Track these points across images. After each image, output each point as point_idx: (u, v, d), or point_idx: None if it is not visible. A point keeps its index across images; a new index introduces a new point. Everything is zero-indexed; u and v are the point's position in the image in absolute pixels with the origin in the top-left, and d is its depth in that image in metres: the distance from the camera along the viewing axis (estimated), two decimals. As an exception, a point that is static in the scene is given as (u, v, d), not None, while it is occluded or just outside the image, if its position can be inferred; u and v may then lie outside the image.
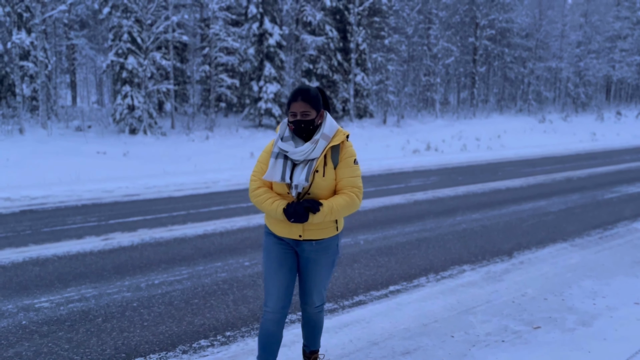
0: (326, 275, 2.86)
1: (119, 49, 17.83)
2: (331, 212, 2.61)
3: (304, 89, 2.66)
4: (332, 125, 2.70)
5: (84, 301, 4.22)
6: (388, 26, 27.21)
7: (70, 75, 27.66)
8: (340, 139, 2.68)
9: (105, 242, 5.91)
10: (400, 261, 5.39)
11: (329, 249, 2.79)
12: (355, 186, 2.68)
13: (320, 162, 2.64)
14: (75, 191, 8.90)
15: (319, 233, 2.72)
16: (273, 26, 21.43)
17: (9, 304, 4.14)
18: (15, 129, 16.10)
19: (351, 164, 2.69)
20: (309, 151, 2.62)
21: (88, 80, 37.55)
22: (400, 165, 13.45)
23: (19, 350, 3.42)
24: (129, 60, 17.70)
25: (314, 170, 2.62)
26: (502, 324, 3.89)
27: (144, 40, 17.96)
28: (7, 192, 8.53)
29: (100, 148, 14.45)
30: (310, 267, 2.80)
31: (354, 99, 24.97)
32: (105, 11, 18.37)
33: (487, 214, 7.62)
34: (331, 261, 2.84)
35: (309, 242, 2.73)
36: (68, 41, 25.65)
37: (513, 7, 34.62)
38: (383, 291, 4.56)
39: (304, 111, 2.62)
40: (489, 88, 36.89)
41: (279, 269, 2.76)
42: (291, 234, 2.72)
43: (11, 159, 11.84)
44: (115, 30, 18.12)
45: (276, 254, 2.78)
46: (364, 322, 3.92)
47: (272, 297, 2.76)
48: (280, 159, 2.66)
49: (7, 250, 5.56)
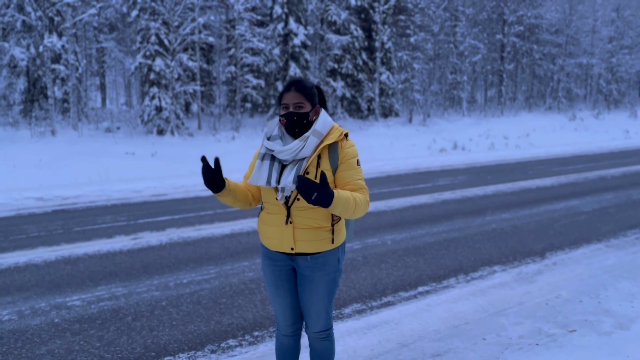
0: (325, 296, 2.50)
1: (146, 51, 18.09)
2: (354, 199, 2.24)
3: (298, 79, 2.41)
4: (326, 122, 2.40)
5: (114, 300, 4.27)
6: (414, 24, 26.97)
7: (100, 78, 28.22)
8: (335, 137, 2.36)
9: (134, 242, 5.98)
10: (428, 262, 5.30)
11: (326, 265, 2.44)
12: (364, 188, 2.37)
13: (312, 163, 2.32)
14: (105, 191, 9.05)
15: (313, 245, 2.39)
16: (298, 26, 21.45)
17: (42, 302, 4.21)
18: (47, 131, 16.50)
19: (355, 166, 2.38)
20: (298, 149, 2.30)
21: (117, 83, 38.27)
22: (427, 164, 13.30)
23: (51, 347, 3.48)
24: (157, 62, 17.95)
25: (303, 171, 2.30)
26: (535, 326, 3.79)
27: (171, 42, 18.18)
28: (40, 192, 8.73)
29: (129, 149, 14.67)
30: (306, 285, 2.48)
31: (379, 98, 24.83)
32: (134, 14, 18.67)
33: (518, 214, 7.46)
34: (330, 279, 2.47)
35: (304, 257, 2.43)
36: (98, 44, 26.16)
37: (542, 3, 33.95)
38: (412, 292, 4.49)
39: (298, 102, 2.35)
40: (517, 86, 36.24)
41: (277, 292, 2.55)
42: (282, 247, 2.42)
43: (43, 160, 12.12)
44: (143, 32, 18.40)
45: (271, 276, 2.54)
46: (393, 323, 3.86)
47: (278, 319, 2.62)
48: (266, 161, 2.37)
49: (40, 249, 5.68)
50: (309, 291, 2.48)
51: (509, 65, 32.52)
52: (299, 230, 2.37)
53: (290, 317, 2.58)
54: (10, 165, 11.17)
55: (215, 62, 23.92)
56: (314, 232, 2.37)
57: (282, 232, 2.39)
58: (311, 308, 2.51)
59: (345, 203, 2.19)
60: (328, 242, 2.42)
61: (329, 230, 2.41)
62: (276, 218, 2.40)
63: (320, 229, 2.38)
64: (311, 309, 2.52)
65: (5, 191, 8.80)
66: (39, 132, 16.18)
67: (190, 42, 19.73)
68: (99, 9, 22.92)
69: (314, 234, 2.38)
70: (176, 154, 14.62)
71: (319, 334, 2.57)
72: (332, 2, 23.41)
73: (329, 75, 23.85)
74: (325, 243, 2.41)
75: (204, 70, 22.92)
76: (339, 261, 2.50)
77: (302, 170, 2.29)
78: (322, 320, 2.54)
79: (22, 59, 18.50)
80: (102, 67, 27.89)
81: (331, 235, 2.42)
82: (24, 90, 19.59)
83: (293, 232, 2.37)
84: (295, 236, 2.37)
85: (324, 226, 2.39)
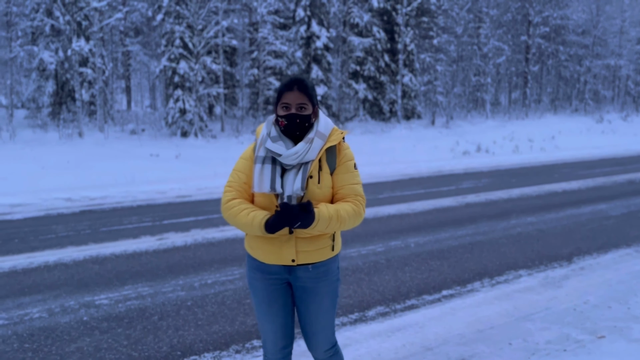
0: (330, 308, 2.34)
1: (171, 54, 18.35)
2: (338, 216, 2.14)
3: (301, 78, 2.21)
4: (327, 123, 2.26)
5: (140, 299, 4.34)
6: (437, 26, 26.80)
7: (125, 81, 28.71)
8: (337, 139, 2.23)
9: (159, 242, 6.06)
10: (452, 265, 5.26)
11: (327, 275, 2.29)
12: (359, 194, 2.24)
13: (315, 166, 2.19)
14: (130, 192, 9.20)
15: (315, 255, 2.24)
16: (320, 29, 21.51)
17: (71, 300, 4.30)
18: (75, 133, 16.85)
19: (352, 169, 2.26)
20: (304, 152, 2.15)
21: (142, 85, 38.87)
22: (450, 167, 13.19)
23: (80, 345, 3.55)
24: (181, 65, 18.19)
25: (307, 175, 2.17)
26: (563, 332, 3.73)
27: (195, 45, 18.40)
28: (68, 193, 8.91)
29: (154, 151, 14.89)
30: (309, 299, 2.30)
31: (402, 100, 24.73)
32: (159, 18, 18.97)
33: (544, 218, 7.35)
34: (333, 289, 2.33)
35: (304, 268, 2.25)
36: (124, 48, 26.62)
37: (568, 4, 33.42)
38: (436, 295, 4.46)
39: (301, 103, 2.17)
40: (542, 87, 35.71)
41: (269, 309, 2.32)
42: (282, 259, 2.23)
43: (71, 161, 12.38)
44: (167, 36, 18.67)
45: (262, 291, 2.32)
46: (417, 326, 3.84)
47: (268, 341, 2.39)
48: (267, 164, 2.17)
49: (69, 248, 5.80)
50: (314, 306, 2.30)
51: (534, 66, 32.07)
52: (301, 240, 2.21)
53: (281, 340, 2.37)
54: (40, 167, 11.43)
55: (238, 64, 24.12)
56: (315, 240, 2.23)
57: (283, 243, 2.21)
58: (318, 324, 2.32)
59: (327, 222, 2.11)
60: (329, 250, 2.28)
61: (329, 237, 2.28)
62: None
63: (321, 236, 2.25)
64: (318, 325, 2.33)
65: (34, 192, 9.02)
66: (67, 134, 16.54)
67: (214, 45, 19.95)
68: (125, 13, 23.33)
69: (316, 242, 2.23)
70: (200, 156, 14.78)
71: (328, 351, 2.39)
72: (355, 4, 23.42)
73: (351, 78, 23.85)
74: (327, 251, 2.27)
75: (227, 73, 23.13)
76: (338, 268, 2.38)
77: (307, 174, 2.16)
78: (329, 336, 2.38)
79: (50, 62, 18.93)
80: (128, 70, 28.37)
81: (332, 242, 2.29)
82: (53, 93, 20.04)
83: (295, 242, 2.21)
84: (297, 247, 2.21)
85: (325, 233, 2.25)
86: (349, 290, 4.55)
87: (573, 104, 34.03)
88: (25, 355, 3.41)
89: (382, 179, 11.26)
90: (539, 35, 31.79)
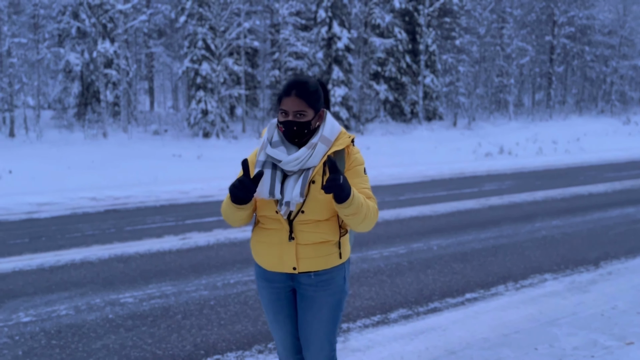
0: (329, 320, 2.19)
1: (193, 55, 18.54)
2: (367, 203, 2.02)
3: (300, 81, 2.08)
4: (334, 127, 2.13)
5: (164, 298, 4.39)
6: (459, 27, 26.57)
7: (149, 82, 29.10)
8: (344, 143, 2.11)
9: (183, 242, 6.13)
10: (476, 268, 5.20)
11: (330, 284, 2.16)
12: (373, 198, 2.11)
13: (318, 172, 2.06)
14: (153, 192, 9.31)
15: (318, 262, 2.12)
16: (341, 30, 21.51)
17: (97, 298, 4.37)
18: (99, 133, 17.13)
19: (361, 174, 2.13)
20: (305, 159, 2.04)
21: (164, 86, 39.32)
22: (472, 169, 13.05)
23: (106, 342, 3.60)
24: (203, 66, 18.36)
25: (309, 181, 2.05)
26: (590, 338, 3.65)
27: (217, 46, 18.57)
28: (93, 192, 9.07)
29: (176, 151, 15.05)
30: (306, 308, 2.18)
31: (423, 101, 24.57)
32: (182, 20, 19.18)
33: (569, 221, 7.22)
34: (335, 300, 2.18)
35: (307, 275, 2.14)
36: (147, 49, 26.98)
37: (594, 3, 32.81)
38: (459, 298, 4.42)
39: (299, 110, 2.04)
40: (566, 88, 35.12)
41: (275, 319, 2.26)
42: (283, 267, 2.14)
43: (96, 161, 12.59)
44: (190, 37, 18.87)
45: (268, 301, 2.25)
46: (440, 329, 3.81)
47: (279, 349, 2.34)
48: (267, 169, 2.07)
49: (94, 247, 5.89)
50: (310, 315, 2.18)
51: (558, 67, 31.58)
52: (302, 246, 2.10)
53: (292, 347, 2.29)
54: (66, 166, 11.65)
55: (259, 66, 24.26)
56: (319, 247, 2.11)
57: (283, 250, 2.11)
58: (312, 336, 2.20)
59: (358, 202, 1.96)
60: (335, 258, 2.15)
61: (335, 244, 2.15)
62: (275, 234, 2.12)
63: (325, 243, 2.12)
64: (312, 337, 2.20)
65: (61, 191, 9.19)
66: (92, 135, 16.82)
67: (236, 46, 20.09)
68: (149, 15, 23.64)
69: (319, 249, 2.11)
70: (221, 156, 14.90)
71: None
72: (376, 5, 23.35)
73: (372, 79, 23.79)
74: (332, 258, 2.15)
75: (249, 74, 23.28)
76: (344, 279, 2.21)
77: (307, 181, 2.04)
78: (326, 352, 2.22)
79: (76, 64, 19.30)
80: (151, 72, 28.75)
81: (338, 249, 2.16)
82: (78, 94, 20.42)
83: (296, 249, 2.10)
84: (298, 254, 2.10)
85: (329, 240, 2.12)
86: (370, 292, 4.53)
87: (599, 105, 33.40)
88: (52, 351, 3.47)
89: (404, 180, 11.19)
90: (564, 36, 31.28)
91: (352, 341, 3.62)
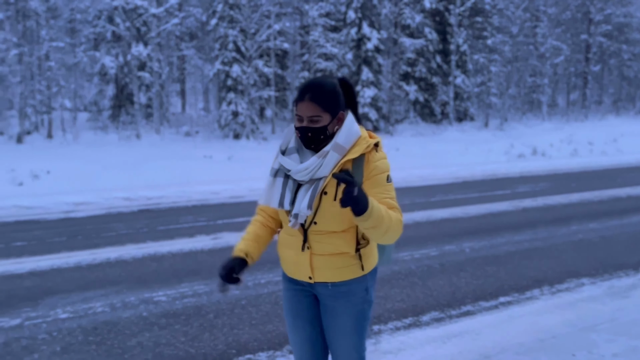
0: (354, 330, 2.08)
1: (224, 57, 18.76)
2: (389, 215, 1.83)
3: (315, 84, 1.94)
4: (351, 133, 1.94)
5: (196, 297, 4.44)
6: (491, 26, 26.16)
7: (180, 84, 29.57)
8: (360, 150, 1.93)
9: (214, 241, 6.19)
10: (510, 271, 5.10)
11: (350, 295, 2.03)
12: (396, 208, 1.91)
13: (332, 181, 1.91)
14: (185, 192, 9.45)
15: (335, 273, 2.01)
16: (371, 30, 21.44)
17: (131, 296, 4.45)
18: (132, 134, 17.49)
19: (383, 183, 1.92)
20: (315, 168, 1.90)
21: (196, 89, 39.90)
22: (505, 170, 12.82)
23: (140, 340, 3.66)
24: (234, 69, 18.56)
25: (320, 192, 1.90)
26: (630, 344, 3.54)
27: (247, 48, 18.74)
28: (126, 192, 9.26)
29: (207, 152, 15.24)
30: (329, 316, 2.08)
31: (454, 101, 24.28)
32: (213, 22, 19.43)
33: (607, 224, 7.01)
34: (357, 312, 2.06)
35: (324, 285, 2.04)
36: (179, 52, 27.42)
37: (632, 1, 31.86)
38: (492, 302, 4.34)
39: (313, 115, 1.91)
40: (603, 88, 34.20)
41: (294, 323, 2.16)
42: (300, 275, 2.07)
43: (129, 162, 12.85)
44: (221, 40, 19.10)
45: (288, 303, 2.17)
46: (473, 333, 3.74)
47: (295, 352, 2.21)
48: (279, 178, 1.99)
49: (128, 246, 6.01)
50: (333, 324, 2.08)
51: (594, 66, 30.78)
52: (317, 257, 2.00)
53: (307, 353, 2.16)
54: (101, 167, 11.92)
55: (289, 67, 24.39)
56: (335, 259, 1.99)
57: (299, 258, 2.04)
58: (337, 344, 2.11)
59: (378, 214, 1.78)
60: (354, 269, 2.02)
61: (353, 256, 2.01)
62: (293, 242, 2.05)
63: (342, 255, 1.99)
64: (338, 345, 2.11)
65: (96, 191, 9.42)
66: (126, 136, 17.19)
67: (266, 48, 20.24)
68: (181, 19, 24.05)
69: (335, 261, 2.00)
70: (251, 157, 15.02)
71: None
72: (406, 5, 23.21)
73: (402, 79, 23.63)
74: (351, 270, 2.02)
75: (278, 76, 23.42)
76: (367, 290, 2.07)
77: (318, 192, 1.90)
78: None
79: (111, 67, 19.76)
80: (183, 74, 29.22)
81: (359, 261, 2.02)
82: (113, 96, 20.90)
83: (310, 259, 2.01)
84: (313, 263, 2.01)
85: (345, 252, 1.99)
86: (402, 294, 4.49)
87: (637, 105, 32.40)
88: (89, 347, 3.55)
89: (434, 181, 11.07)
90: (600, 34, 30.48)
91: (383, 343, 3.59)
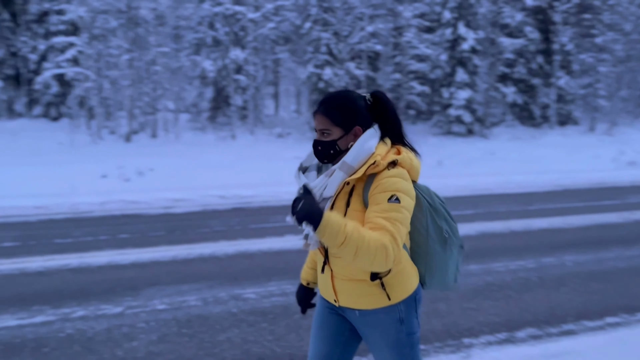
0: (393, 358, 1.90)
1: (317, 60, 19.02)
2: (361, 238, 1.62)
3: (329, 97, 1.86)
4: (361, 150, 1.78)
5: (284, 296, 4.49)
6: (601, 23, 24.32)
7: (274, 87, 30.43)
8: (363, 169, 1.76)
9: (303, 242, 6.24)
10: (618, 290, 4.66)
11: (380, 325, 1.87)
12: (383, 229, 1.67)
13: (341, 198, 1.80)
14: (276, 192, 9.66)
15: (358, 301, 1.86)
16: (467, 30, 20.74)
17: (222, 292, 4.60)
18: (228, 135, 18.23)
19: (381, 201, 1.72)
20: (322, 187, 1.79)
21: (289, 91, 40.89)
22: (613, 178, 11.84)
23: (229, 335, 3.76)
24: (326, 71, 18.77)
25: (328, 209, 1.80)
26: None
27: (340, 51, 18.86)
28: (221, 191, 9.64)
29: (298, 153, 15.49)
30: (368, 343, 1.96)
31: (556, 104, 22.85)
32: (307, 26, 19.78)
33: None
34: (393, 341, 1.87)
35: (351, 311, 1.91)
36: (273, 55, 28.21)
37: None
38: (598, 322, 3.98)
39: (323, 129, 1.82)
40: None
41: (318, 332, 2.04)
42: (327, 295, 1.95)
43: (225, 161, 13.40)
44: (314, 43, 19.39)
45: (319, 312, 2.06)
46: (576, 354, 3.45)
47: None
48: None
49: (221, 242, 6.23)
50: (373, 351, 1.96)
51: None
52: (339, 280, 1.88)
53: None
54: (198, 166, 12.54)
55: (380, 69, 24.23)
56: (356, 285, 1.85)
57: (323, 279, 1.95)
58: None
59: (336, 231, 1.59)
60: (380, 298, 1.84)
61: (375, 284, 1.83)
62: (318, 260, 1.97)
63: (362, 282, 1.84)
64: None
65: (194, 189, 9.90)
66: (222, 137, 17.95)
67: (358, 50, 20.25)
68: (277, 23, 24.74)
69: (357, 288, 1.85)
70: (341, 159, 15.08)
71: None
72: (506, 4, 22.21)
73: (499, 81, 22.64)
74: (377, 299, 1.84)
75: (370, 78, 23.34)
76: (401, 321, 1.86)
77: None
78: None
79: (210, 70, 20.73)
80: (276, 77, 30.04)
81: (382, 290, 1.83)
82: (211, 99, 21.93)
83: (332, 282, 1.90)
84: (335, 286, 1.90)
85: (364, 279, 1.83)
86: (495, 307, 4.25)
87: None
88: (182, 339, 3.70)
89: (533, 189, 10.46)
90: None
91: (474, 358, 3.41)
